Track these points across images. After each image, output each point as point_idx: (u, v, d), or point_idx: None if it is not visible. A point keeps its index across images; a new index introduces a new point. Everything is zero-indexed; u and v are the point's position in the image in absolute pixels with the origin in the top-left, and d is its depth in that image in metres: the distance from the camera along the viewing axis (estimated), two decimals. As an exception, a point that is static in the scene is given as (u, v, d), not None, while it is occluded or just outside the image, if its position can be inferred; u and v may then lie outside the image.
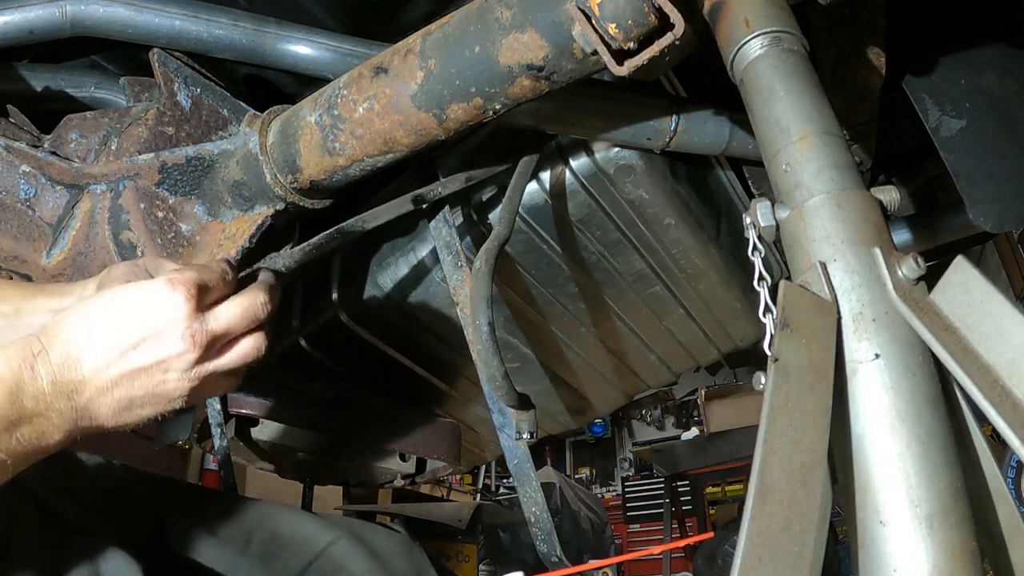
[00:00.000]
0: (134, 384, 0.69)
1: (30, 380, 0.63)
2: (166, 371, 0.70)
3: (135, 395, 0.69)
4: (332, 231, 1.00)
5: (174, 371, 0.70)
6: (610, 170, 1.21)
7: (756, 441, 0.48)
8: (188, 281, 0.71)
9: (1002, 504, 0.54)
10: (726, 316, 1.63)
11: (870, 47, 1.03)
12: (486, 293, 0.98)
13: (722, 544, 4.33)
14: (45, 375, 0.64)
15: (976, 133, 1.09)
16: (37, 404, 0.63)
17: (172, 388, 0.71)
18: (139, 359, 0.69)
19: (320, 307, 1.43)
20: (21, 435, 0.62)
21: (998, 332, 0.51)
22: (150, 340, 0.69)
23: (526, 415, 1.06)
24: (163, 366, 0.70)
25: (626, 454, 9.30)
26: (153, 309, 0.69)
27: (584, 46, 0.77)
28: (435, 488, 6.35)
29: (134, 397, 0.69)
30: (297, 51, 1.13)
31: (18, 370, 0.63)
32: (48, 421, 0.64)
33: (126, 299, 0.70)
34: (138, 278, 0.80)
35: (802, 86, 0.66)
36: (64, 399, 0.65)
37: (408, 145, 0.95)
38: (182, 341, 0.70)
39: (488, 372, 0.97)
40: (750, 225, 0.63)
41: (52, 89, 1.18)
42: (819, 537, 0.46)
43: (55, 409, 0.64)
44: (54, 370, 0.65)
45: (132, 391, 0.69)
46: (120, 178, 1.01)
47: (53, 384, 0.64)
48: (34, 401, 0.63)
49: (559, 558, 1.08)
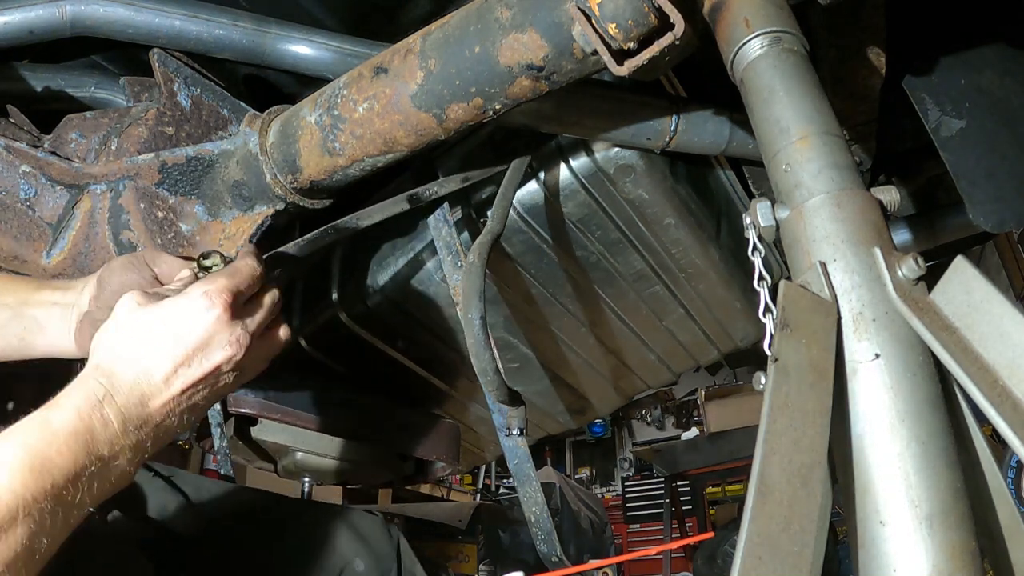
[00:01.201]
0: (193, 397, 0.73)
1: (101, 428, 0.64)
2: (218, 375, 0.74)
3: (196, 403, 0.74)
4: (326, 228, 1.00)
5: (226, 374, 0.75)
6: (610, 170, 1.21)
7: (756, 441, 0.48)
8: (224, 291, 0.75)
9: (1002, 504, 0.54)
10: (726, 316, 1.63)
11: (870, 47, 1.03)
12: (479, 287, 0.98)
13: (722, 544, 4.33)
14: (115, 418, 0.66)
15: (976, 133, 1.09)
16: (112, 448, 0.65)
17: (223, 387, 0.77)
18: (193, 374, 0.72)
19: (320, 307, 1.43)
20: (101, 479, 0.64)
21: (998, 332, 0.51)
22: (200, 354, 0.72)
23: (516, 411, 1.07)
24: (216, 372, 0.74)
25: (626, 454, 9.29)
26: (197, 325, 0.73)
27: (584, 46, 0.77)
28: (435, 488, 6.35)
29: (195, 405, 0.74)
30: (297, 51, 1.13)
31: (89, 419, 0.64)
32: (123, 460, 0.66)
33: (170, 316, 0.73)
34: (137, 270, 0.82)
35: (802, 86, 0.66)
36: (134, 434, 0.67)
37: (408, 145, 0.95)
38: (229, 348, 0.74)
39: (480, 366, 0.97)
40: (750, 225, 0.63)
41: (52, 89, 1.18)
42: (819, 537, 0.46)
43: (127, 448, 0.66)
44: (122, 411, 0.67)
45: (192, 401, 0.73)
46: (120, 178, 1.01)
47: (123, 424, 0.66)
48: (109, 446, 0.64)
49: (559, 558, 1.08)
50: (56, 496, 0.58)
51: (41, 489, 0.57)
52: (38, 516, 0.56)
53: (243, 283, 0.78)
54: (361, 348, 1.49)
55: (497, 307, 1.45)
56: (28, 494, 0.56)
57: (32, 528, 0.56)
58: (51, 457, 0.59)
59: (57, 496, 0.58)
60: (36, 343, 0.84)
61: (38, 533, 0.56)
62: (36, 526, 0.56)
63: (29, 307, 0.83)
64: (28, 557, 0.55)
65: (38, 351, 0.84)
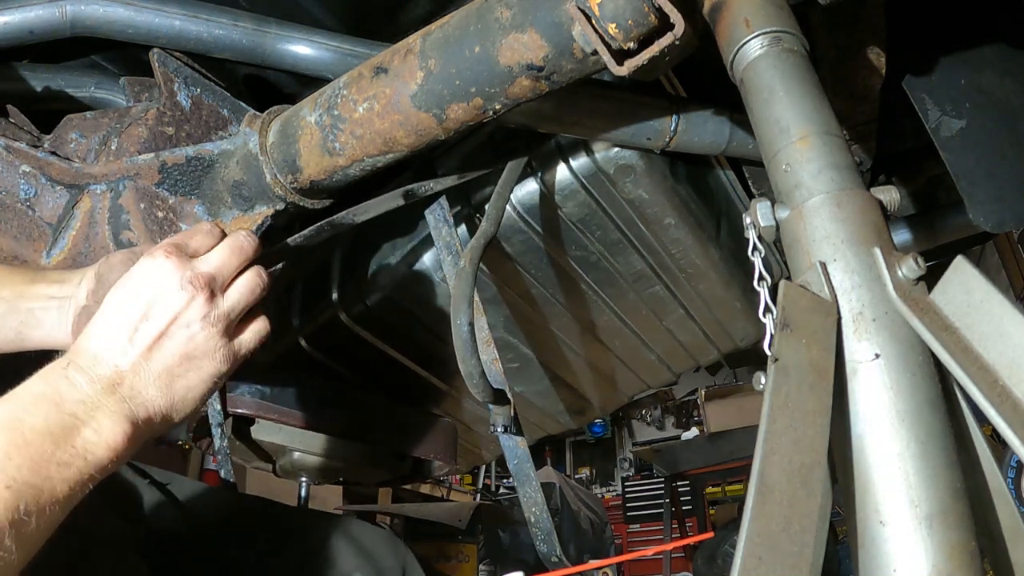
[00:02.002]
0: (164, 351, 0.70)
1: (68, 388, 0.64)
2: (187, 325, 0.72)
3: (172, 363, 0.71)
4: (322, 223, 1.00)
5: (194, 323, 0.72)
6: (610, 170, 1.21)
7: (756, 441, 0.48)
8: (164, 244, 0.74)
9: (1002, 504, 0.54)
10: (726, 316, 1.63)
11: (870, 47, 1.03)
12: (468, 293, 0.99)
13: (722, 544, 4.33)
14: (81, 378, 0.65)
15: (976, 133, 1.09)
16: (85, 407, 0.64)
17: (203, 341, 0.72)
18: (154, 325, 0.70)
19: (320, 307, 1.43)
20: (83, 440, 0.62)
21: (998, 332, 0.51)
22: (153, 305, 0.71)
23: (501, 409, 1.09)
24: (180, 322, 0.71)
25: (626, 454, 9.30)
26: (143, 279, 0.72)
27: (584, 46, 0.77)
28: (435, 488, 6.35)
29: (172, 366, 0.71)
30: (297, 51, 1.13)
31: (55, 383, 0.64)
32: (103, 420, 0.65)
33: (119, 286, 0.73)
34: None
35: (802, 86, 0.66)
36: (108, 395, 0.66)
37: (408, 145, 0.95)
38: (181, 290, 0.72)
39: (466, 370, 0.99)
40: (750, 225, 0.63)
41: (52, 89, 1.18)
42: (819, 537, 0.46)
43: (104, 408, 0.65)
44: (87, 371, 0.66)
45: (166, 359, 0.70)
46: (120, 178, 1.01)
47: (91, 383, 0.66)
48: (80, 405, 0.64)
49: (559, 558, 1.08)
50: (33, 454, 0.57)
51: (13, 444, 0.57)
52: (15, 473, 0.55)
53: (190, 235, 0.77)
54: (361, 348, 1.49)
55: (497, 307, 1.45)
56: (1, 451, 0.56)
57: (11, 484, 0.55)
58: (20, 417, 0.59)
59: (34, 453, 0.58)
60: (32, 336, 0.83)
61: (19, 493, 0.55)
62: (16, 483, 0.55)
63: (24, 300, 0.82)
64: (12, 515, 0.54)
65: (34, 344, 0.84)
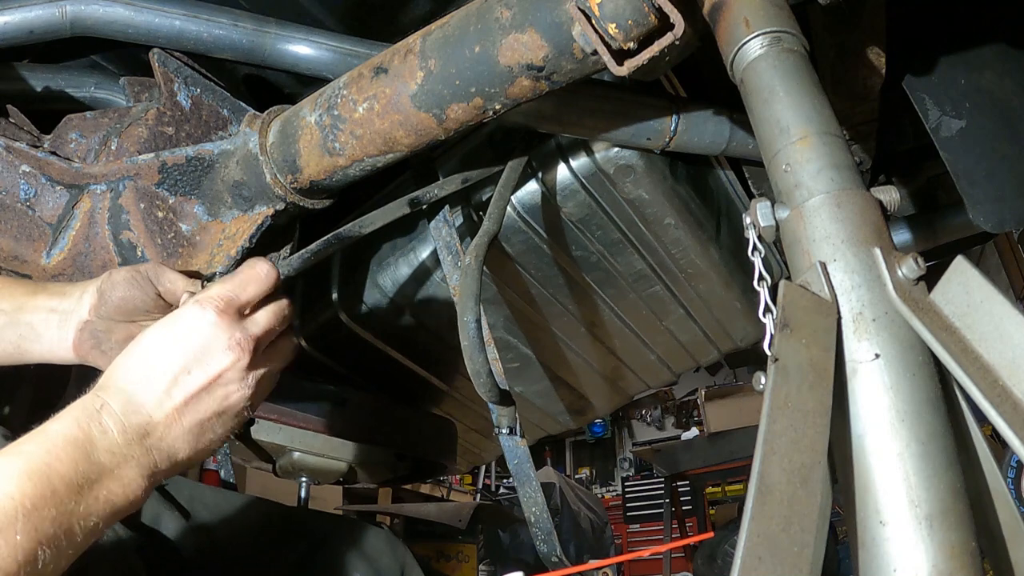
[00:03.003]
0: (199, 408, 0.70)
1: (100, 435, 0.63)
2: (225, 384, 0.72)
3: (204, 418, 0.71)
4: (329, 237, 1.00)
5: (233, 382, 0.72)
6: (610, 170, 1.21)
7: (756, 441, 0.48)
8: (214, 297, 0.74)
9: (1002, 504, 0.54)
10: (726, 316, 1.63)
11: (870, 47, 1.03)
12: (475, 290, 0.99)
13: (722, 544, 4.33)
14: (113, 426, 0.65)
15: (976, 133, 1.09)
16: (113, 457, 0.63)
17: (236, 400, 0.73)
18: (195, 381, 0.70)
19: (320, 307, 1.43)
20: (107, 491, 0.62)
21: (998, 332, 0.51)
22: (198, 361, 0.71)
23: (507, 410, 1.09)
24: (220, 381, 0.72)
25: (626, 454, 9.30)
26: (192, 332, 0.72)
27: (584, 46, 0.77)
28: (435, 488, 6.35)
29: (203, 420, 0.71)
30: (297, 51, 1.13)
31: (87, 428, 0.63)
32: (128, 471, 0.64)
33: (164, 332, 0.72)
34: (140, 285, 0.81)
35: (802, 86, 0.66)
36: (137, 445, 0.66)
37: (408, 145, 0.95)
38: (230, 352, 0.72)
39: (473, 368, 0.98)
40: (750, 225, 0.63)
41: (52, 89, 1.18)
42: (819, 537, 0.46)
43: (131, 458, 0.65)
44: (120, 419, 0.66)
45: (199, 415, 0.70)
46: (120, 178, 1.01)
47: (123, 433, 0.65)
48: (109, 455, 0.63)
49: (559, 558, 1.08)
50: (58, 504, 0.57)
51: (40, 495, 0.56)
52: (39, 524, 0.55)
53: (239, 288, 0.76)
54: (361, 348, 1.49)
55: (497, 307, 1.45)
56: (27, 500, 0.55)
57: (33, 536, 0.54)
58: (50, 463, 0.59)
59: (59, 504, 0.57)
60: (32, 349, 0.82)
61: (40, 543, 0.55)
62: (38, 534, 0.55)
63: (25, 313, 0.82)
64: (30, 568, 0.54)
65: (34, 357, 0.83)
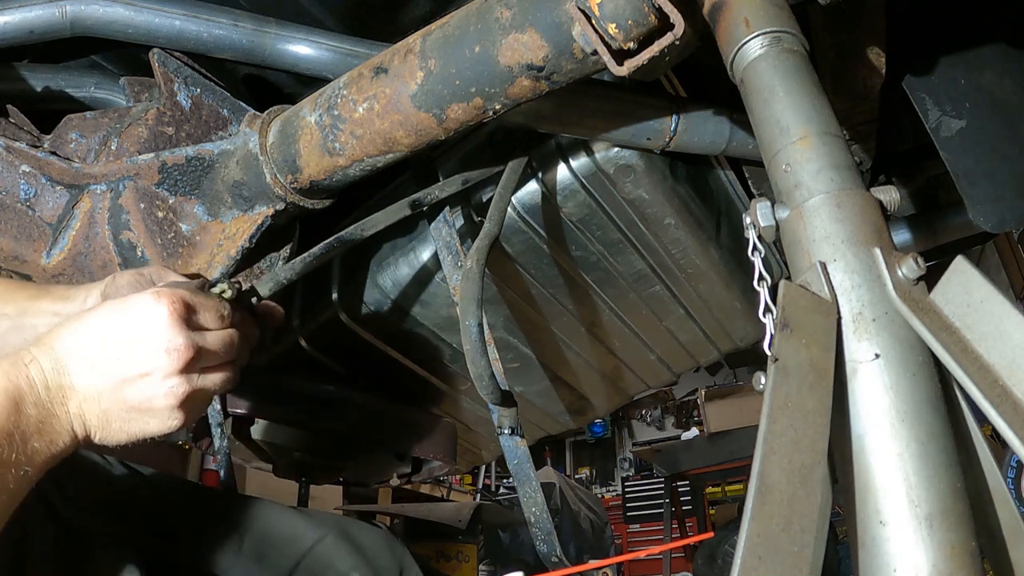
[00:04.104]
0: (120, 396, 0.69)
1: (28, 388, 0.64)
2: (152, 385, 0.70)
3: (121, 407, 0.69)
4: (331, 240, 1.00)
5: (160, 387, 0.70)
6: (610, 170, 1.21)
7: (756, 441, 0.48)
8: (175, 296, 0.71)
9: (1002, 504, 0.54)
10: (726, 316, 1.63)
11: (870, 47, 1.03)
12: (476, 294, 0.99)
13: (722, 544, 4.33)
14: (39, 382, 0.65)
15: (976, 133, 1.09)
16: (40, 411, 0.64)
17: (159, 406, 0.71)
18: (124, 369, 0.69)
19: (320, 307, 1.43)
20: (33, 450, 0.63)
21: (998, 332, 0.51)
22: (133, 350, 0.69)
23: (508, 411, 1.09)
24: (149, 379, 0.69)
25: (626, 454, 9.30)
26: (138, 320, 0.70)
27: (584, 46, 0.77)
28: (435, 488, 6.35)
29: (120, 410, 0.70)
30: (297, 51, 1.13)
31: (16, 380, 0.64)
32: (53, 426, 0.65)
33: (113, 311, 0.71)
34: (143, 288, 0.80)
35: (802, 86, 0.66)
36: (59, 405, 0.66)
37: (408, 145, 0.95)
38: (166, 355, 0.69)
39: (475, 371, 0.98)
40: (750, 225, 0.63)
41: (52, 89, 1.18)
42: (819, 537, 0.46)
43: (55, 415, 0.66)
44: (46, 377, 0.66)
45: (119, 404, 0.69)
46: (120, 178, 1.01)
47: (47, 390, 0.66)
48: (36, 408, 0.64)
49: (559, 558, 1.08)
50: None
51: None
52: None
53: (203, 306, 0.74)
54: (361, 348, 1.49)
55: (497, 307, 1.45)
56: None
57: None
58: None
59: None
60: None
61: None
62: None
63: (28, 316, 0.82)
64: None
65: None
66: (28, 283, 0.93)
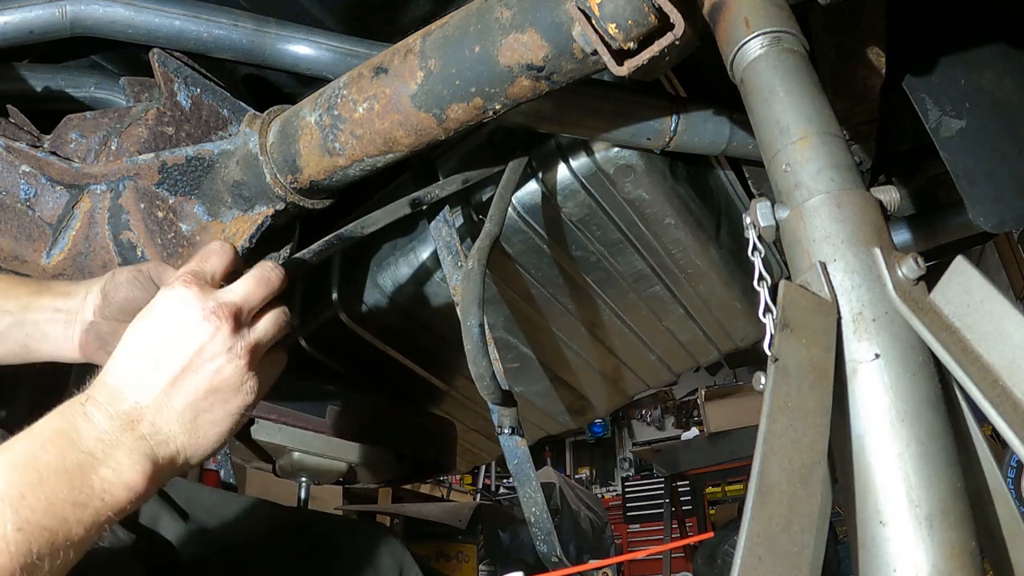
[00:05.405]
0: (188, 387, 0.67)
1: (86, 424, 0.62)
2: (211, 359, 0.68)
3: (196, 398, 0.67)
4: (331, 237, 1.00)
5: (219, 356, 0.68)
6: (610, 170, 1.21)
7: (756, 441, 0.48)
8: (181, 274, 0.71)
9: (1002, 504, 0.54)
10: (726, 316, 1.63)
11: (870, 47, 1.03)
12: (477, 294, 0.99)
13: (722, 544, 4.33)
14: (100, 416, 0.63)
15: (976, 133, 1.09)
16: (103, 445, 0.62)
17: (230, 375, 0.69)
18: (176, 359, 0.67)
19: (320, 307, 1.43)
20: (100, 479, 0.60)
21: (998, 332, 0.51)
22: (176, 338, 0.68)
23: (508, 411, 1.09)
24: (204, 355, 0.68)
25: (626, 454, 9.30)
26: (164, 311, 0.69)
27: (584, 46, 0.76)
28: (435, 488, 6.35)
29: (196, 400, 0.67)
30: (297, 51, 1.13)
31: (72, 419, 0.62)
32: (120, 456, 0.62)
33: (141, 321, 0.70)
34: (143, 285, 0.79)
35: (802, 86, 0.66)
36: (128, 431, 0.64)
37: (408, 145, 0.95)
38: (205, 322, 0.68)
39: (477, 371, 0.98)
40: (750, 225, 0.63)
41: (52, 89, 1.17)
42: (819, 537, 0.46)
43: (123, 445, 0.63)
44: (107, 407, 0.64)
45: (191, 395, 0.67)
46: (120, 178, 1.00)
47: (110, 420, 0.63)
48: (98, 443, 0.62)
49: (559, 558, 1.08)
50: (48, 493, 0.56)
51: (27, 484, 0.55)
52: (29, 515, 0.54)
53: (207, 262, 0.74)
54: (361, 348, 1.49)
55: (497, 307, 1.45)
56: (13, 490, 0.54)
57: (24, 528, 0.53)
58: (35, 453, 0.58)
59: (49, 493, 0.56)
60: (38, 349, 0.82)
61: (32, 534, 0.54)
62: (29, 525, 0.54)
63: (31, 312, 0.82)
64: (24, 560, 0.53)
65: (40, 357, 0.83)
66: (29, 279, 0.93)
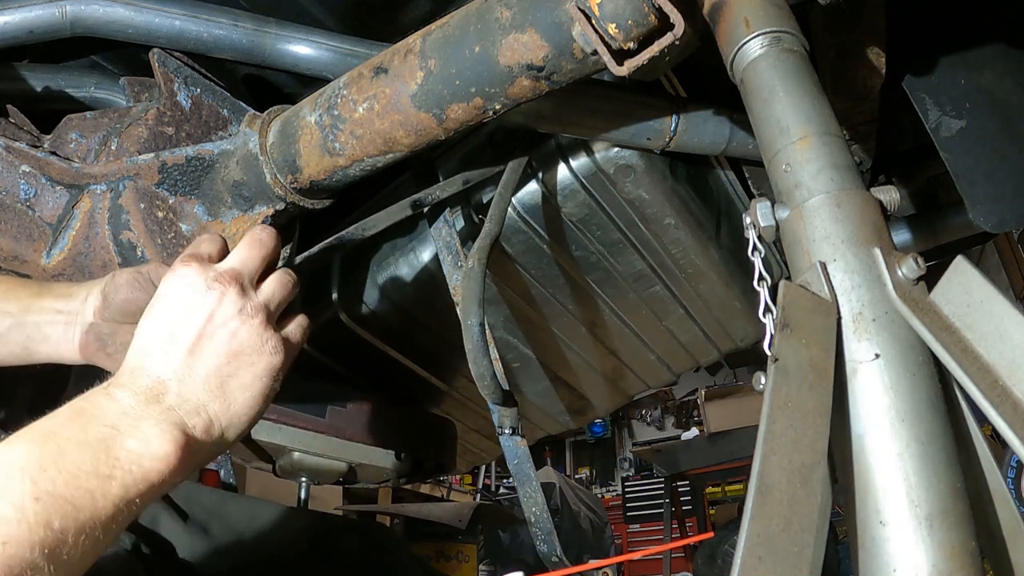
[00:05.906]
0: (207, 354, 0.68)
1: (108, 402, 0.62)
2: (224, 323, 0.69)
3: (219, 363, 0.68)
4: (332, 240, 1.00)
5: (231, 319, 0.69)
6: (610, 170, 1.21)
7: (756, 441, 0.48)
8: (184, 257, 0.73)
9: (1002, 504, 0.54)
10: (726, 316, 1.63)
11: (870, 47, 1.03)
12: (478, 293, 0.99)
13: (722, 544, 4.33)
14: (122, 394, 0.64)
15: (976, 133, 1.09)
16: (127, 419, 0.61)
17: (247, 335, 0.70)
18: (189, 330, 0.68)
19: (320, 307, 1.43)
20: (127, 452, 0.59)
21: (998, 332, 0.51)
22: (185, 312, 0.69)
23: (509, 411, 1.09)
24: (216, 321, 0.69)
25: (626, 454, 9.30)
26: (170, 293, 0.71)
27: (584, 46, 0.77)
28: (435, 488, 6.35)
29: (219, 365, 0.68)
30: (297, 51, 1.13)
31: (94, 399, 0.63)
32: (147, 428, 0.62)
33: (153, 304, 0.71)
34: (142, 287, 0.80)
35: (802, 86, 0.66)
36: (152, 404, 0.64)
37: (408, 145, 0.95)
38: (209, 291, 0.69)
39: (477, 371, 0.99)
40: (750, 225, 0.63)
41: (52, 89, 1.18)
42: (819, 537, 0.46)
43: (149, 417, 0.63)
44: (129, 387, 0.64)
45: (212, 360, 0.68)
46: (120, 178, 1.01)
47: (133, 396, 0.64)
48: (122, 416, 0.61)
49: (559, 558, 1.08)
50: (70, 467, 0.55)
51: (47, 455, 0.55)
52: (51, 487, 0.53)
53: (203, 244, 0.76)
54: (361, 348, 1.49)
55: (497, 307, 1.45)
56: (33, 463, 0.54)
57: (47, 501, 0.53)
58: (54, 429, 0.58)
59: (72, 466, 0.56)
60: (39, 351, 0.83)
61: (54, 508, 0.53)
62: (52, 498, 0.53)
63: (31, 314, 0.82)
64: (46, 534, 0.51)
65: (41, 358, 0.83)
66: (30, 281, 0.93)
